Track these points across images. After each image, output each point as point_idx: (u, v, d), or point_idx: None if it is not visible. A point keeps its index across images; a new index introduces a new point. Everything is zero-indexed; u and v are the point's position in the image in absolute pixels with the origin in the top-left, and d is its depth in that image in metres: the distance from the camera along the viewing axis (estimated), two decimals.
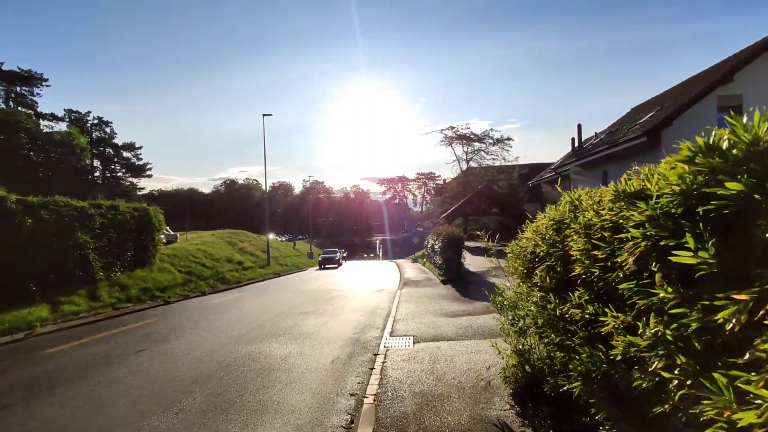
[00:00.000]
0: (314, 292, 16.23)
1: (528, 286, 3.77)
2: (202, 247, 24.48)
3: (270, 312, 11.32)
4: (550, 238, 3.01)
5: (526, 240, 3.79)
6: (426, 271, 21.93)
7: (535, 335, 3.41)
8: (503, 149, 46.10)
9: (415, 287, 15.48)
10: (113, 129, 70.48)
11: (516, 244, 4.25)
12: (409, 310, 10.53)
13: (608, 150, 20.33)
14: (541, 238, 3.23)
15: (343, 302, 12.80)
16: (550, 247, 2.95)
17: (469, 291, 13.36)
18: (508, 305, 4.71)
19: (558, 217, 3.06)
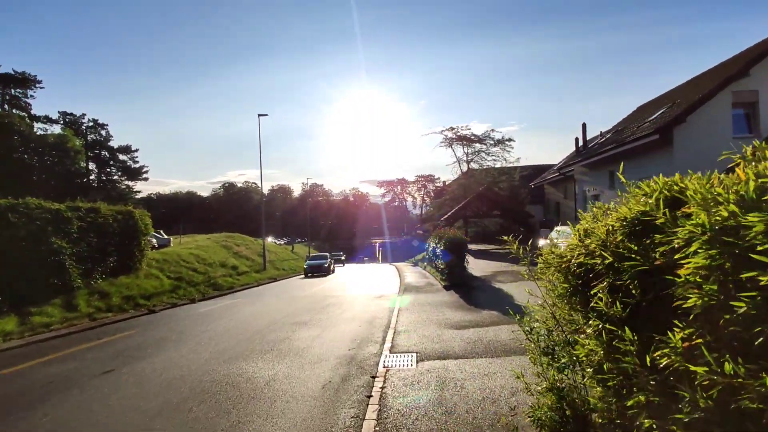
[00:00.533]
0: (310, 298, 15.35)
1: (575, 309, 2.88)
2: (194, 252, 23.60)
3: (260, 322, 10.43)
4: (621, 245, 2.13)
5: (572, 247, 2.91)
6: (427, 276, 21.05)
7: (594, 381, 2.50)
8: (504, 150, 45.31)
9: (416, 293, 14.61)
10: (109, 131, 69.70)
11: (552, 251, 3.36)
12: (411, 320, 9.65)
13: (616, 149, 19.50)
14: (600, 245, 2.35)
15: (339, 311, 11.91)
16: (620, 260, 2.08)
17: (475, 298, 12.48)
18: (540, 333, 3.79)
19: (636, 214, 2.18)
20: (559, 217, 33.74)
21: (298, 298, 15.70)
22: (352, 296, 15.33)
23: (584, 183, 25.55)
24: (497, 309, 10.38)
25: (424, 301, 12.69)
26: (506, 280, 15.84)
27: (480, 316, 9.66)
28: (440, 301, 12.33)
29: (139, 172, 71.19)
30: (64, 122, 66.94)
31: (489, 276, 17.06)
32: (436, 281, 17.86)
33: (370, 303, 13.32)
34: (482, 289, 14.13)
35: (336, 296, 15.50)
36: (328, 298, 14.87)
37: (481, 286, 14.88)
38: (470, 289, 14.39)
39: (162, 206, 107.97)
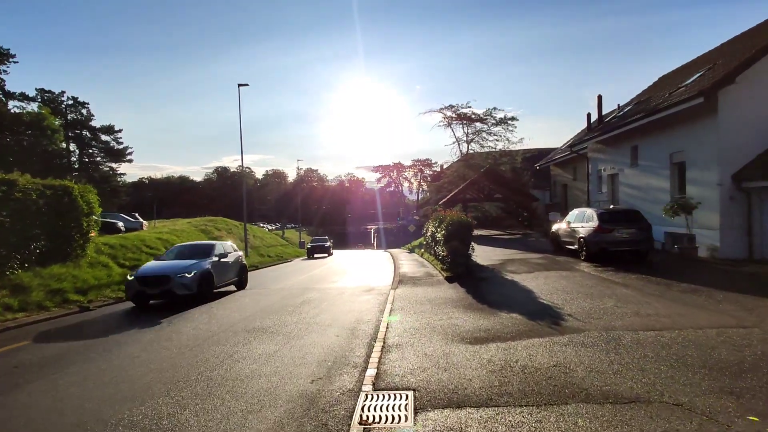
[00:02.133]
0: (285, 291, 12.86)
1: None
2: (165, 236, 21.01)
3: (204, 329, 7.93)
4: None
5: None
6: (425, 264, 18.58)
7: None
8: (507, 130, 42.58)
9: (413, 286, 12.14)
10: (90, 110, 66.12)
11: None
12: (407, 328, 7.17)
13: (643, 119, 16.89)
14: None
15: (315, 311, 9.41)
16: None
17: (487, 294, 10.01)
18: None
19: None
20: (566, 201, 31.29)
21: (272, 291, 13.21)
22: (337, 290, 12.85)
23: (600, 161, 23.02)
24: (519, 310, 7.92)
25: (423, 297, 10.22)
26: (519, 269, 13.38)
27: (499, 322, 7.19)
28: (443, 298, 9.85)
29: (123, 153, 67.88)
30: (42, 100, 63.37)
31: (498, 265, 14.61)
32: (435, 271, 15.40)
33: (356, 299, 10.83)
34: (493, 282, 11.67)
35: (317, 289, 13.01)
36: (307, 292, 12.38)
37: (490, 277, 12.42)
38: (478, 281, 11.93)
39: (154, 190, 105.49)
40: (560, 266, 13.76)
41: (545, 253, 17.15)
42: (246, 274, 14.38)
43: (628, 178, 19.94)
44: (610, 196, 21.97)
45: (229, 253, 12.99)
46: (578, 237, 15.16)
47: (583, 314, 7.39)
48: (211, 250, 12.26)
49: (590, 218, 14.84)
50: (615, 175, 21.47)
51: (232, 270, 13.00)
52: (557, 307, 8.05)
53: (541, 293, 9.60)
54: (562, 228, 17.09)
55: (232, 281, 13.07)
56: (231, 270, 12.89)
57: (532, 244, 21.48)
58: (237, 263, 13.46)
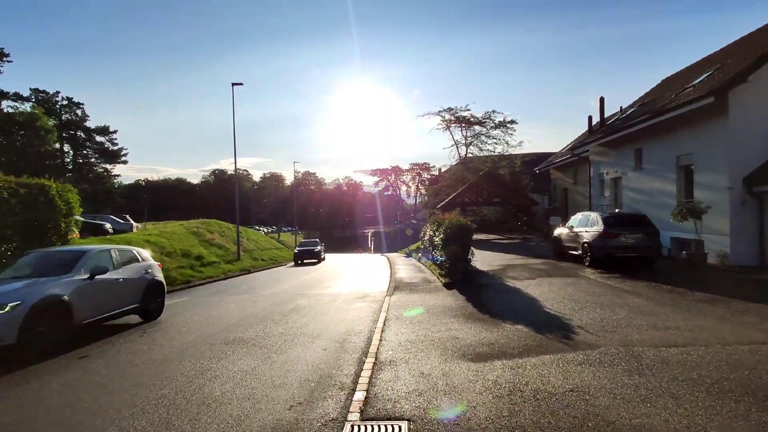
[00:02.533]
0: (275, 297, 12.18)
1: None
2: (153, 239, 20.31)
3: (180, 340, 7.24)
4: None
5: None
6: (423, 270, 17.92)
7: None
8: (506, 133, 42.06)
9: (409, 293, 11.48)
10: (85, 111, 65.37)
11: None
12: (402, 340, 6.51)
13: (649, 121, 16.32)
14: None
15: (303, 320, 8.73)
16: None
17: (488, 302, 9.36)
18: None
19: None
20: (567, 205, 30.73)
21: (261, 297, 12.52)
22: (329, 296, 12.17)
23: (602, 164, 22.45)
24: (525, 321, 7.27)
25: (420, 305, 9.56)
26: (521, 276, 12.74)
27: (503, 335, 6.53)
28: (442, 307, 9.19)
29: (118, 154, 67.08)
30: (37, 100, 62.64)
31: (498, 271, 13.97)
32: (433, 276, 14.75)
33: (348, 307, 10.15)
34: (494, 289, 11.02)
35: (309, 296, 12.32)
36: (296, 299, 11.68)
37: (491, 284, 11.77)
38: (478, 288, 11.28)
39: (150, 192, 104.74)
40: (564, 272, 13.13)
41: (547, 259, 16.52)
42: (159, 297, 9.60)
43: (631, 182, 19.36)
44: (612, 200, 21.40)
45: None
46: (582, 242, 14.55)
47: (595, 326, 6.74)
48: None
49: (595, 222, 14.24)
50: (618, 179, 20.91)
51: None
52: (566, 318, 7.40)
53: (546, 302, 8.95)
54: (565, 233, 16.49)
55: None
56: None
57: (532, 249, 20.86)
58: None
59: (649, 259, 13.65)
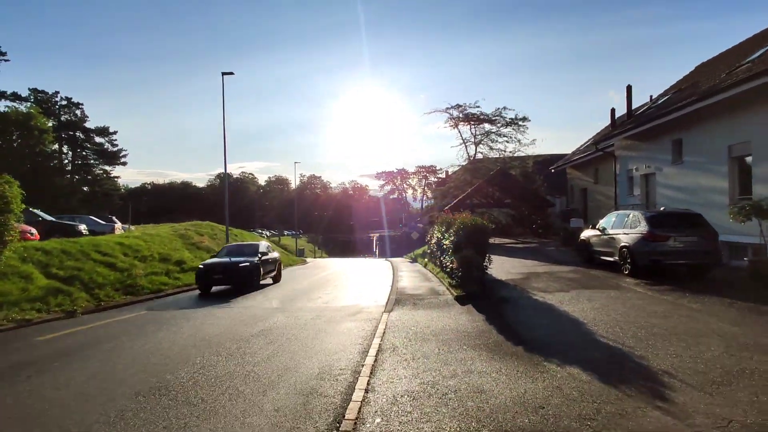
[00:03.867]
0: (246, 313, 9.93)
1: None
2: (129, 242, 18.23)
3: (75, 390, 5.04)
4: None
5: None
6: (429, 277, 15.63)
7: None
8: (518, 131, 39.68)
9: (413, 308, 9.21)
10: (84, 111, 64.01)
11: None
12: (398, 394, 4.26)
13: (695, 105, 13.91)
14: None
15: (269, 348, 6.48)
16: None
17: (516, 325, 7.08)
18: None
19: None
20: (586, 207, 28.33)
21: (230, 312, 10.26)
22: (314, 311, 9.91)
23: (631, 160, 20.06)
24: (579, 360, 4.98)
25: (426, 327, 7.29)
26: (550, 287, 10.43)
27: (554, 387, 4.24)
28: (455, 331, 6.92)
29: (117, 155, 65.57)
30: (35, 100, 61.33)
31: (520, 280, 11.66)
32: (442, 286, 12.46)
33: (333, 329, 7.88)
34: (520, 305, 8.72)
35: (288, 311, 10.06)
36: (272, 315, 9.42)
37: (515, 298, 9.47)
38: (499, 303, 8.99)
39: (155, 196, 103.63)
40: (601, 283, 10.80)
41: (574, 266, 14.18)
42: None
43: (668, 178, 16.96)
44: (643, 199, 18.99)
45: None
46: (619, 246, 12.20)
47: (692, 374, 4.45)
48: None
49: (636, 223, 11.89)
50: (650, 175, 18.52)
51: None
52: (637, 355, 5.11)
53: (595, 325, 6.65)
54: (594, 236, 14.14)
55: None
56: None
57: (553, 255, 18.51)
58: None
59: (704, 268, 11.29)
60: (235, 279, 13.96)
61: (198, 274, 14.08)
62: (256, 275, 14.65)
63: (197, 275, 14.12)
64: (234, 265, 14.07)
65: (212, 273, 13.85)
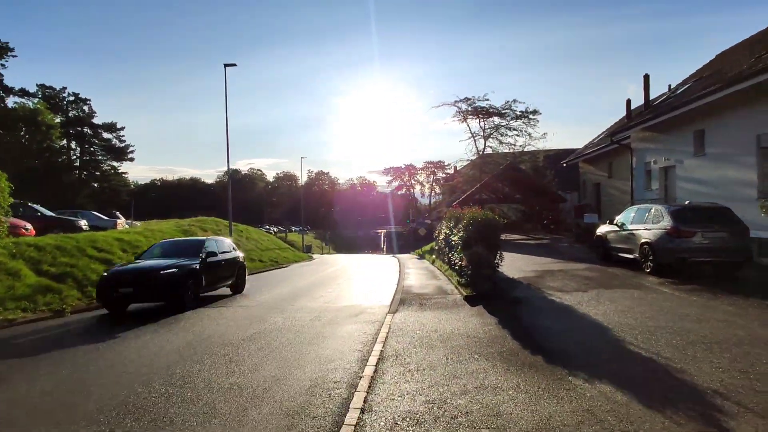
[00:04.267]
0: (242, 313, 9.35)
1: None
2: (129, 237, 17.80)
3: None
4: None
5: None
6: (437, 275, 14.97)
7: None
8: (528, 125, 38.59)
9: (419, 309, 8.58)
10: (92, 107, 64.19)
11: None
12: (400, 415, 3.62)
13: (720, 92, 13.06)
14: None
15: (257, 356, 5.86)
16: None
17: (533, 329, 6.41)
18: None
19: None
20: (599, 202, 27.42)
21: (226, 312, 9.70)
22: (314, 312, 9.30)
23: (648, 152, 19.16)
24: (610, 375, 4.29)
25: (433, 331, 6.64)
26: (568, 286, 9.72)
27: (585, 410, 3.57)
28: (465, 336, 6.26)
29: (124, 151, 65.63)
30: (43, 96, 61.45)
31: (534, 279, 10.96)
32: (450, 285, 11.80)
33: (332, 332, 7.26)
34: (536, 307, 8.04)
35: (286, 311, 9.47)
36: (269, 316, 8.83)
37: (529, 298, 8.78)
38: (513, 305, 8.31)
39: (165, 192, 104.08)
40: (621, 282, 10.07)
41: (590, 264, 13.44)
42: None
43: (689, 171, 16.08)
44: (662, 193, 18.12)
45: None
46: (640, 243, 11.44)
47: (748, 394, 3.75)
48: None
49: (659, 217, 11.13)
50: (670, 168, 17.63)
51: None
52: (677, 370, 4.42)
53: (623, 331, 5.95)
54: (612, 232, 13.37)
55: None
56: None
57: (566, 251, 17.75)
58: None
59: (733, 265, 10.50)
60: (154, 293, 9.38)
61: (99, 286, 9.52)
62: (189, 286, 9.85)
63: (98, 289, 9.63)
64: (151, 272, 9.34)
65: (119, 285, 9.21)
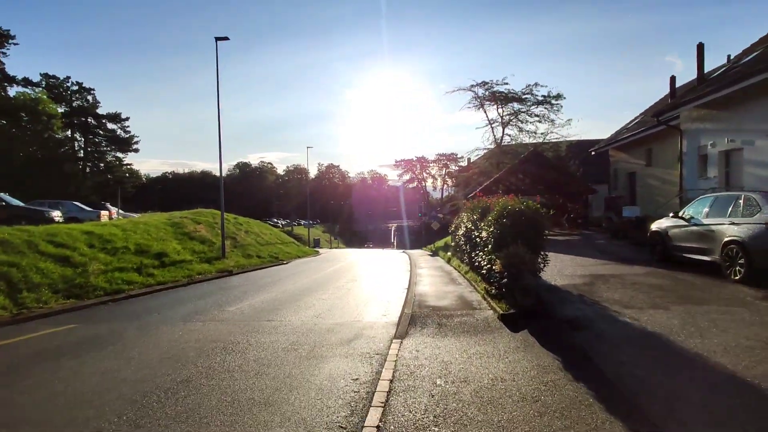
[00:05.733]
0: (193, 335, 7.06)
1: None
2: (100, 230, 15.67)
3: None
4: None
5: None
6: (456, 279, 12.49)
7: None
8: (551, 111, 35.71)
9: (437, 334, 6.13)
10: (96, 97, 62.50)
11: None
12: None
13: None
14: None
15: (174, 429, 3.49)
16: None
17: (624, 383, 3.89)
18: None
19: None
20: (634, 194, 24.58)
21: (185, 331, 7.42)
22: (294, 332, 6.90)
23: (703, 134, 16.31)
24: None
25: (462, 384, 4.18)
26: (637, 300, 7.17)
27: None
28: (517, 396, 3.79)
29: (129, 142, 63.97)
30: (47, 86, 60.02)
31: (583, 287, 8.44)
32: (476, 294, 9.33)
33: (303, 381, 4.80)
34: (607, 336, 5.50)
35: (259, 333, 7.10)
36: (228, 340, 6.47)
37: (590, 319, 6.26)
38: (570, 330, 5.81)
39: (175, 185, 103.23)
40: (707, 294, 7.49)
41: (644, 265, 10.85)
42: None
43: (762, 154, 13.29)
44: (722, 181, 15.31)
45: None
46: (723, 241, 8.79)
47: None
48: None
49: (752, 208, 8.48)
50: (734, 152, 14.82)
51: None
52: None
53: None
54: (676, 227, 10.74)
55: None
56: None
57: (607, 249, 15.13)
58: None
59: None
60: None
61: None
62: None
63: None
64: None
65: None
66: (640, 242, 16.03)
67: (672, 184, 20.60)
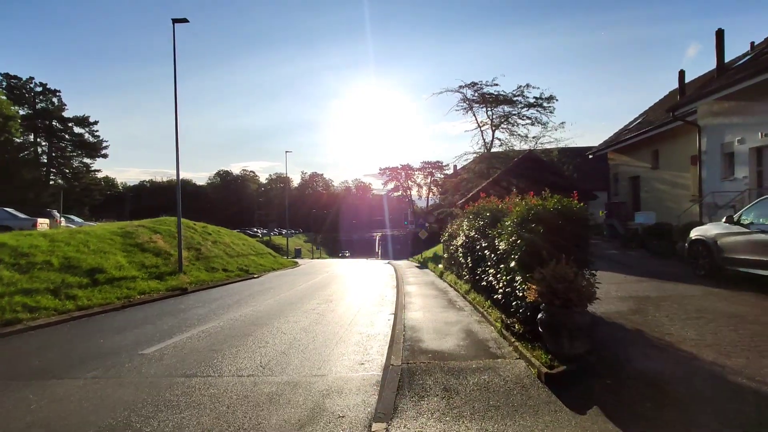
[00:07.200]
0: (92, 400, 4.51)
1: None
2: (16, 242, 12.88)
3: None
4: None
5: None
6: (456, 302, 10.06)
7: None
8: (543, 113, 34.00)
9: (446, 418, 3.68)
10: (61, 99, 58.66)
11: None
12: None
13: None
14: None
15: None
16: None
17: None
18: None
19: None
20: (637, 199, 22.69)
21: (69, 393, 4.83)
22: (209, 408, 4.41)
23: (727, 129, 14.41)
24: None
25: None
26: (726, 341, 4.82)
27: None
28: None
29: (98, 147, 60.19)
30: (7, 86, 56.17)
31: (632, 316, 6.12)
32: (489, 329, 6.93)
33: None
34: (724, 417, 3.11)
35: (162, 405, 4.59)
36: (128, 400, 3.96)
37: (679, 380, 3.87)
38: (661, 405, 3.41)
39: (157, 194, 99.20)
40: None
41: (689, 282, 8.65)
42: None
43: None
44: (754, 182, 13.37)
45: None
46: None
47: None
48: None
49: None
50: (766, 149, 12.90)
51: None
52: None
53: None
54: (729, 235, 8.58)
55: None
56: None
57: (624, 261, 13.00)
58: None
59: None
60: None
61: None
62: None
63: None
64: None
65: None
66: (661, 252, 14.04)
67: (683, 187, 18.73)
